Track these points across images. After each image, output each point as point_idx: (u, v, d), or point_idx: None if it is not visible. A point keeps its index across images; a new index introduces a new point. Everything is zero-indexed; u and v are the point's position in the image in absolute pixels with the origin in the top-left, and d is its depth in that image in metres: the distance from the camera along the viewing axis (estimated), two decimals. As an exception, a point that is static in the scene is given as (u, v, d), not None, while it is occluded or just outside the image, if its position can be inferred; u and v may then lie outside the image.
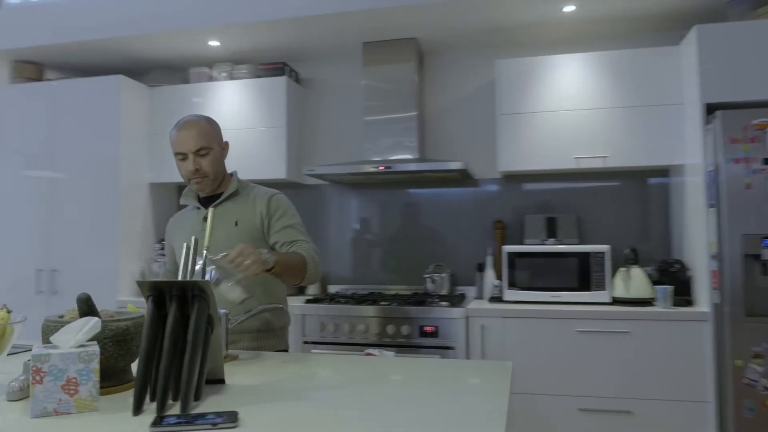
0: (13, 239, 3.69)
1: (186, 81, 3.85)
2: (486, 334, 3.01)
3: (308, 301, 3.28)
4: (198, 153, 1.92)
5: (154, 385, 1.17)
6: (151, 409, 1.15)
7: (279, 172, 3.59)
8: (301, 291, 3.70)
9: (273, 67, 3.69)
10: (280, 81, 3.60)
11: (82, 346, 1.18)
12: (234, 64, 3.78)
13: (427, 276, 3.49)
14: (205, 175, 1.95)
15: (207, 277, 1.53)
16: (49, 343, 1.26)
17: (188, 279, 1.35)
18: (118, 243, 3.52)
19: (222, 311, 1.67)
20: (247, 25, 3.31)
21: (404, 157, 3.48)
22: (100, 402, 1.18)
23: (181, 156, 1.93)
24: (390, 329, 3.09)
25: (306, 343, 3.20)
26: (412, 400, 1.25)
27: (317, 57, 3.86)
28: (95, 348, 1.17)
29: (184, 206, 2.15)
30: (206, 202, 2.04)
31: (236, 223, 1.97)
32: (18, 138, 3.70)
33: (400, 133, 3.50)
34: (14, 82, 3.81)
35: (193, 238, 1.44)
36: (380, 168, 3.31)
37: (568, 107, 3.23)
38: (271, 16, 3.23)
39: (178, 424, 1.04)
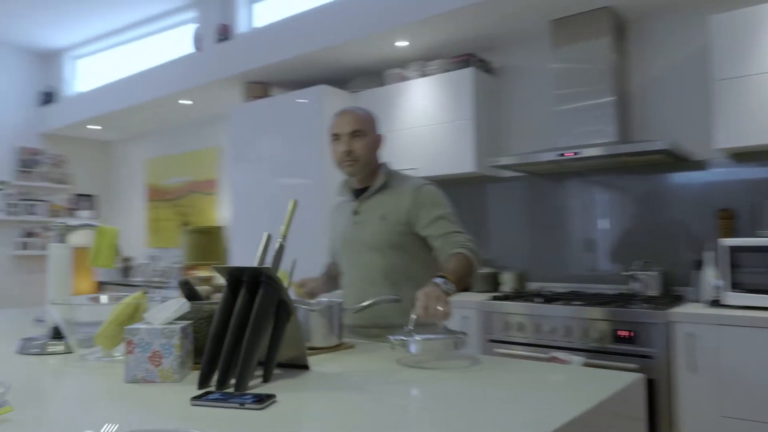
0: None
1: (383, 84, 4.02)
2: (695, 344, 2.53)
3: (495, 298, 3.15)
4: (353, 134, 1.90)
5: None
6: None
7: (467, 166, 3.52)
8: (495, 287, 3.56)
9: (460, 59, 3.64)
10: (466, 73, 3.53)
11: (170, 323, 1.31)
12: (425, 61, 3.82)
13: (628, 274, 3.08)
14: (357, 159, 1.91)
15: (413, 346, 1.40)
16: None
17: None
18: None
19: (336, 300, 1.69)
20: (428, 20, 3.32)
21: (599, 141, 3.12)
22: (183, 374, 1.29)
23: (335, 137, 1.93)
24: (580, 332, 2.81)
25: (490, 341, 3.07)
26: (485, 405, 1.11)
27: (505, 43, 3.69)
28: (177, 326, 1.29)
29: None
30: (360, 195, 2.01)
31: (383, 218, 1.91)
32: (257, 149, 4.26)
33: (596, 116, 3.16)
34: (247, 101, 4.41)
35: (266, 234, 1.47)
36: (568, 154, 3.03)
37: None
38: (450, 6, 3.19)
39: (216, 400, 1.08)
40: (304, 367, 1.39)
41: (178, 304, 1.33)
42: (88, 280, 6.52)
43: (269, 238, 1.43)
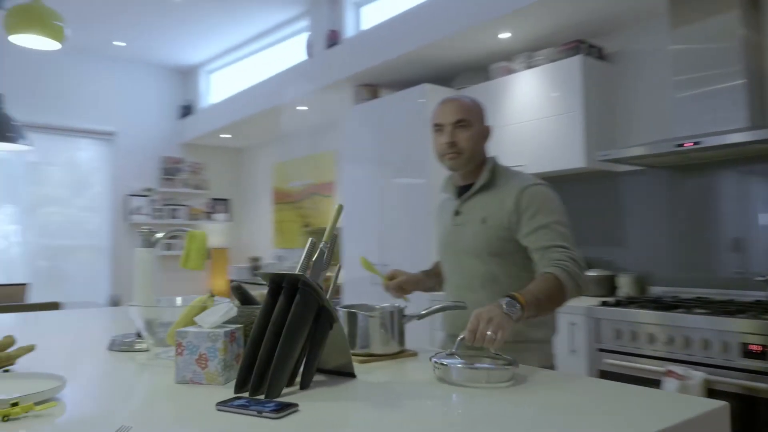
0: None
1: (489, 79, 3.87)
2: None
3: (605, 303, 2.91)
4: (457, 124, 1.72)
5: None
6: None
7: (576, 161, 3.28)
8: (611, 291, 3.29)
9: (569, 47, 3.40)
10: (575, 61, 3.29)
11: (217, 327, 1.33)
12: (532, 51, 3.62)
13: (762, 279, 2.69)
14: (460, 152, 1.72)
15: (454, 372, 1.29)
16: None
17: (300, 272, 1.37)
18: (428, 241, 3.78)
19: (399, 305, 1.63)
20: (531, 7, 3.13)
21: (726, 129, 2.76)
22: (228, 377, 1.30)
23: (438, 127, 1.75)
24: (702, 344, 2.50)
25: (600, 351, 2.84)
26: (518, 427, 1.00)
27: (618, 26, 3.39)
28: (222, 330, 1.31)
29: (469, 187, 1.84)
30: (463, 193, 1.81)
31: (483, 221, 1.71)
32: (369, 150, 4.30)
33: (723, 102, 2.79)
34: (358, 104, 4.47)
35: (310, 239, 1.43)
36: (687, 144, 2.71)
37: None
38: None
39: (239, 406, 1.07)
40: (351, 374, 1.35)
41: (227, 308, 1.35)
42: (224, 279, 6.95)
43: (314, 243, 1.40)
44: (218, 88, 6.55)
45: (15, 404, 1.02)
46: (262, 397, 1.16)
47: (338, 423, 1.05)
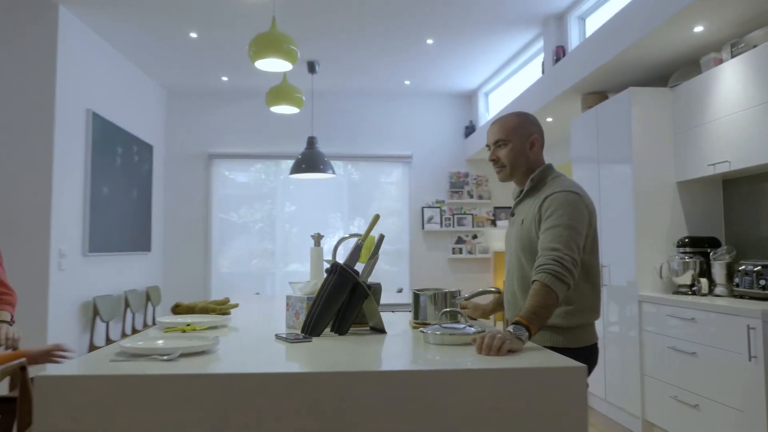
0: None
1: (700, 72, 3.70)
2: None
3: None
4: (496, 144, 2.06)
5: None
6: (324, 334, 1.93)
7: (781, 153, 3.01)
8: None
9: (771, 30, 3.12)
10: (773, 45, 3.03)
11: (308, 294, 2.09)
12: (738, 38, 3.38)
13: None
14: (503, 166, 2.06)
15: (431, 337, 1.71)
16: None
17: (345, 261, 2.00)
18: (634, 239, 3.83)
19: (446, 290, 2.13)
20: None
21: None
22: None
23: (488, 147, 2.13)
24: None
25: (782, 357, 2.64)
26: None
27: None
28: (305, 297, 2.05)
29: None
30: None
31: (522, 222, 2.01)
32: (595, 156, 4.52)
33: None
34: (584, 111, 4.67)
35: (356, 242, 2.03)
36: None
37: None
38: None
39: (286, 338, 1.80)
40: (382, 330, 1.96)
41: (313, 283, 2.10)
42: (500, 281, 7.61)
43: (358, 245, 2.05)
44: (494, 106, 7.29)
45: (189, 324, 1.97)
46: (307, 335, 1.87)
47: (333, 348, 1.68)
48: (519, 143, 2.06)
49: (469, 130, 7.59)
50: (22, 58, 4.58)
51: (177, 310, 2.45)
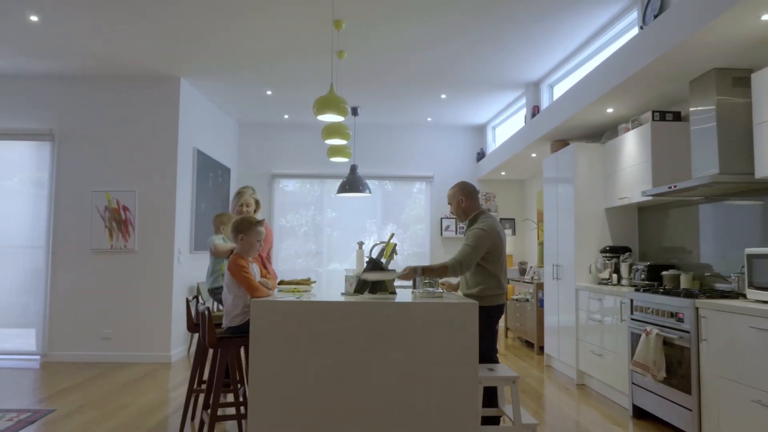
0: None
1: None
2: None
3: None
4: (449, 203, 4.01)
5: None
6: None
7: None
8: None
9: None
10: None
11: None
12: (637, 116, 5.12)
13: None
14: (456, 215, 4.02)
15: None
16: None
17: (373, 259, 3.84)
18: (574, 247, 5.59)
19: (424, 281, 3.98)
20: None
21: None
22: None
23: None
24: None
25: None
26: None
27: None
28: (355, 275, 3.91)
29: None
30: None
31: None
32: (557, 190, 6.28)
33: None
34: (552, 152, 6.43)
35: (391, 234, 3.86)
36: None
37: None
38: None
39: (348, 293, 3.66)
40: (393, 293, 3.81)
41: (359, 269, 3.97)
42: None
43: (381, 248, 3.90)
44: (500, 137, 9.06)
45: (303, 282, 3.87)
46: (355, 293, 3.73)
47: (366, 298, 3.54)
48: (455, 203, 3.92)
49: (480, 155, 9.38)
50: (156, 114, 6.61)
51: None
